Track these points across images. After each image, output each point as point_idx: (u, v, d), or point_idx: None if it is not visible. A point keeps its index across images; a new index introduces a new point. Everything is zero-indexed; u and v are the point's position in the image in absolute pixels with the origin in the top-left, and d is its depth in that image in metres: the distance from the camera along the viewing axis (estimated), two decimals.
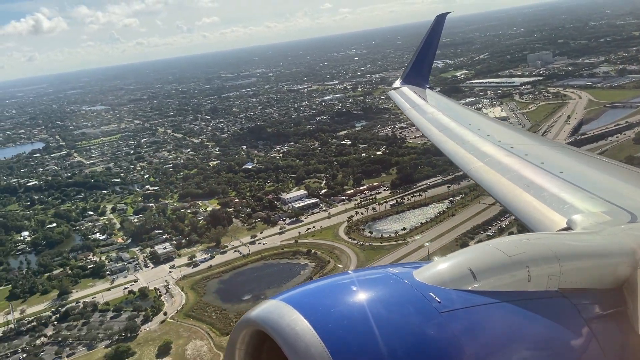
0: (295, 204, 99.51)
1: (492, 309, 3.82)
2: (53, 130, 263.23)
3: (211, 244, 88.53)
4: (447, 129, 13.25)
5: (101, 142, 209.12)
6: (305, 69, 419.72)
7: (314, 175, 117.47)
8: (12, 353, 64.17)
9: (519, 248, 4.30)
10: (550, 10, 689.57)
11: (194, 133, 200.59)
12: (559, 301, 4.21)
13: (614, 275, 4.67)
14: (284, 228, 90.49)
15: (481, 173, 9.96)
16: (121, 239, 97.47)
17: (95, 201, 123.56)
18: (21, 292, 79.31)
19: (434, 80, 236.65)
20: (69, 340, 64.21)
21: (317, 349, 3.22)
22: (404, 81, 19.78)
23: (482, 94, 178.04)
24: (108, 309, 71.20)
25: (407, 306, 3.60)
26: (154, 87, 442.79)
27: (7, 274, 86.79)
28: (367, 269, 4.27)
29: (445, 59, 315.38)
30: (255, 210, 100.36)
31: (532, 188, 8.35)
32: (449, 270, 4.00)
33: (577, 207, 7.14)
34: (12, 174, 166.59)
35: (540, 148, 10.52)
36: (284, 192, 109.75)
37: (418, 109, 16.24)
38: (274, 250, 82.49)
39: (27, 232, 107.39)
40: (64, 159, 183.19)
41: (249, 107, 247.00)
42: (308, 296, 3.78)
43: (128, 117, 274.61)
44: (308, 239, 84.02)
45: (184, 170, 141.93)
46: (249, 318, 3.66)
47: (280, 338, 3.36)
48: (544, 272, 4.23)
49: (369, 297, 3.61)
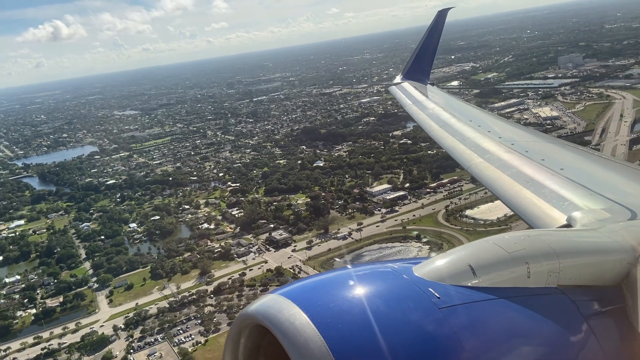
0: (384, 197, 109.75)
1: (491, 305, 3.86)
2: (97, 134, 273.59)
3: (320, 231, 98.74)
4: (448, 124, 13.29)
5: (154, 145, 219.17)
6: (325, 73, 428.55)
7: (390, 171, 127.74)
8: (186, 319, 74.63)
9: (519, 244, 4.32)
10: (559, 13, 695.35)
11: (245, 135, 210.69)
12: (558, 298, 4.20)
13: (613, 273, 4.65)
14: (385, 217, 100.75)
15: (481, 169, 9.97)
16: (229, 228, 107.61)
17: (184, 197, 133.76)
18: (163, 272, 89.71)
19: (466, 83, 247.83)
20: (234, 308, 74.37)
21: (316, 343, 3.24)
22: (405, 77, 19.95)
23: (523, 95, 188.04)
24: (254, 284, 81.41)
25: (407, 302, 3.65)
26: (176, 92, 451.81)
27: (141, 258, 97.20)
28: (367, 264, 4.35)
29: (469, 62, 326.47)
30: (348, 202, 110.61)
31: (533, 185, 8.32)
32: (448, 266, 4.04)
33: (577, 204, 7.13)
34: (84, 174, 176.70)
35: (541, 145, 10.63)
36: (366, 186, 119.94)
37: (419, 104, 16.35)
38: (383, 235, 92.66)
39: (134, 224, 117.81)
40: (127, 160, 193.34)
41: (288, 110, 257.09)
42: (307, 291, 3.85)
43: (167, 121, 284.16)
44: (411, 226, 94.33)
45: (255, 168, 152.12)
46: (248, 312, 3.73)
47: (279, 332, 3.39)
48: (543, 268, 4.23)
49: (368, 292, 3.66)
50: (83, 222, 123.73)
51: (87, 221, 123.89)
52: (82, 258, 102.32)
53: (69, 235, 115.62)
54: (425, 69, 19.87)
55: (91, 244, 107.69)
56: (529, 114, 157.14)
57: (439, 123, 13.65)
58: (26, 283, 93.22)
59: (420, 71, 19.63)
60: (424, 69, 19.88)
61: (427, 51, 19.83)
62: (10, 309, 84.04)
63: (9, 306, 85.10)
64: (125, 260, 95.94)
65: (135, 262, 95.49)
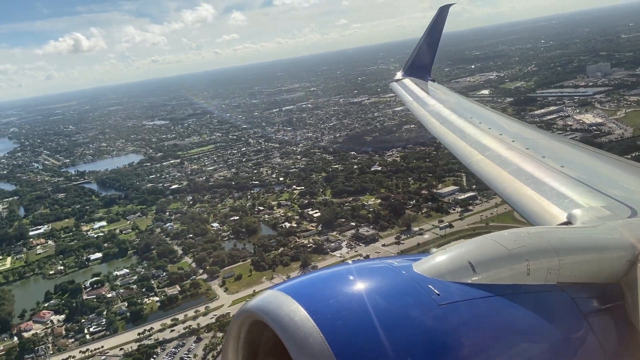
0: (454, 197, 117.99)
1: (491, 302, 3.88)
2: (136, 143, 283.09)
3: (402, 228, 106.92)
4: (448, 121, 13.34)
5: (200, 152, 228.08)
6: (346, 83, 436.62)
7: (452, 174, 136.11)
8: None
9: (519, 241, 4.35)
10: (569, 23, 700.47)
11: (289, 143, 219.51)
12: (557, 295, 4.23)
13: (613, 270, 4.68)
14: (462, 215, 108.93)
15: (482, 166, 10.04)
16: (311, 227, 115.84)
17: (253, 199, 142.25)
18: (266, 264, 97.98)
19: (497, 91, 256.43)
20: None
21: (315, 339, 3.27)
22: (406, 73, 20.02)
23: (559, 103, 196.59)
24: None
25: (406, 298, 3.68)
26: (198, 103, 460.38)
27: (239, 253, 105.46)
28: (367, 260, 4.43)
29: (491, 71, 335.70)
30: (419, 202, 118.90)
31: (533, 182, 8.36)
32: (448, 263, 4.07)
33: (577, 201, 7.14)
34: (143, 179, 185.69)
35: (542, 142, 10.70)
36: (432, 188, 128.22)
37: (419, 101, 16.40)
38: (467, 232, 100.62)
39: (215, 223, 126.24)
40: (180, 166, 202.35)
41: (323, 119, 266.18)
42: (307, 286, 3.88)
43: (202, 130, 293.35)
44: (492, 223, 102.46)
45: (313, 173, 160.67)
46: (247, 308, 3.78)
47: (279, 328, 3.43)
48: (543, 265, 4.26)
49: (368, 288, 3.69)
50: (165, 222, 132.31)
51: (167, 222, 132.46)
52: (180, 254, 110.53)
53: (157, 234, 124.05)
54: (426, 65, 20.11)
55: (182, 241, 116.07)
56: (571, 120, 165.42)
57: (440, 120, 13.72)
58: (137, 275, 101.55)
59: (422, 67, 19.88)
60: (425, 65, 20.10)
61: (428, 47, 20.03)
62: (134, 296, 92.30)
63: (131, 295, 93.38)
64: (226, 255, 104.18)
65: (235, 256, 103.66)
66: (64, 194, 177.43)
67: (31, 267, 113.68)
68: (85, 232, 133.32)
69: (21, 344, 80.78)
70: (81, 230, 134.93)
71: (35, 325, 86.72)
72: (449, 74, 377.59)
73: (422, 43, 20.11)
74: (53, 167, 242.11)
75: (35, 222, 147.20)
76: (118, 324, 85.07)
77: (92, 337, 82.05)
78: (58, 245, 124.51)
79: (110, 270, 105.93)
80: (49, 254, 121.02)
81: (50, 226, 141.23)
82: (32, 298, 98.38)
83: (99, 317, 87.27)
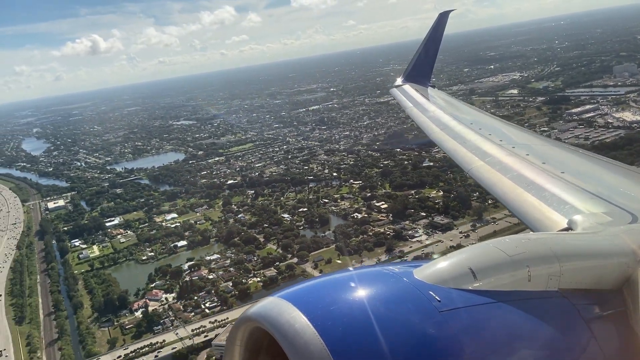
0: None
1: (492, 308, 3.88)
2: (172, 142, 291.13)
3: (474, 218, 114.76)
4: (448, 127, 13.50)
5: (241, 150, 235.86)
6: (366, 84, 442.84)
7: None
8: None
9: (520, 248, 4.36)
10: (577, 25, 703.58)
11: (328, 141, 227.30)
12: (559, 301, 4.23)
13: (614, 276, 4.67)
14: None
15: (482, 172, 10.15)
16: (380, 217, 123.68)
17: (315, 193, 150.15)
18: (351, 249, 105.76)
19: (526, 91, 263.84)
20: None
21: (316, 346, 3.29)
22: (406, 79, 20.17)
23: (594, 102, 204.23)
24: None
25: (407, 305, 3.69)
26: (218, 104, 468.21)
27: (322, 240, 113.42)
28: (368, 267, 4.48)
29: (513, 72, 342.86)
30: (484, 194, 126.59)
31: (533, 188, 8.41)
32: (449, 269, 4.09)
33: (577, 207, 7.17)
34: (195, 175, 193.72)
35: (542, 148, 10.71)
36: None
37: (419, 107, 16.36)
38: None
39: (285, 214, 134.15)
40: (227, 163, 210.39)
41: (354, 118, 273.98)
42: (308, 293, 3.90)
43: (234, 130, 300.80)
44: None
45: (364, 168, 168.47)
46: (248, 315, 3.82)
47: (280, 335, 3.45)
48: (544, 272, 4.28)
49: (369, 295, 3.71)
50: (235, 214, 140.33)
51: (238, 213, 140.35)
52: (262, 241, 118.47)
53: (232, 224, 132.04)
54: (426, 71, 20.29)
55: (262, 229, 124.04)
56: (611, 118, 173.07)
57: (440, 126, 13.78)
58: (230, 260, 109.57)
59: (422, 73, 20.01)
60: (425, 71, 20.29)
61: (428, 53, 20.23)
62: (235, 278, 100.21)
63: (231, 276, 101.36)
64: (309, 241, 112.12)
65: (318, 243, 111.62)
66: (121, 189, 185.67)
67: (122, 254, 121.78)
68: (159, 223, 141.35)
69: (148, 317, 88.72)
70: (155, 221, 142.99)
71: (151, 303, 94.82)
72: (469, 74, 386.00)
73: (422, 49, 20.35)
74: (97, 165, 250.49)
75: (104, 214, 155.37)
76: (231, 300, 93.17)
77: (211, 311, 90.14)
78: (139, 235, 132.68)
79: (202, 255, 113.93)
80: (133, 242, 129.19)
81: (122, 218, 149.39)
82: (133, 280, 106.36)
83: (209, 295, 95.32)
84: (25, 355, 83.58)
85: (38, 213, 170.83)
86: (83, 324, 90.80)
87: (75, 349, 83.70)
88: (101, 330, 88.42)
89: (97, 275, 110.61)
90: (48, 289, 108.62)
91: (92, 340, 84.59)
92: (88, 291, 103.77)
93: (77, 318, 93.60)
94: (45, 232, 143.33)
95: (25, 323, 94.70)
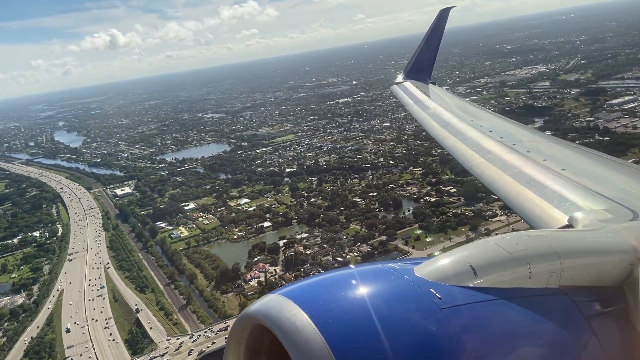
0: None
1: (492, 305, 3.93)
2: (210, 134, 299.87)
3: None
4: (449, 124, 13.45)
5: (286, 141, 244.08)
6: (386, 77, 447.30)
7: None
8: None
9: (520, 245, 4.41)
10: (589, 17, 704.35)
11: (371, 131, 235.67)
12: (559, 298, 4.28)
13: (615, 273, 4.71)
14: None
15: (483, 169, 10.11)
16: (452, 200, 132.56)
17: (378, 179, 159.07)
18: (435, 228, 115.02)
19: (558, 83, 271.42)
20: None
21: (317, 344, 3.33)
22: (407, 76, 20.14)
23: (630, 93, 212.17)
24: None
25: (408, 302, 3.73)
26: (240, 97, 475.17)
27: (404, 219, 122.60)
28: (369, 264, 4.44)
29: (538, 65, 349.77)
30: None
31: (534, 185, 8.38)
32: (449, 267, 4.14)
33: (578, 204, 7.18)
34: (250, 164, 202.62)
35: (543, 145, 10.72)
36: None
37: (420, 104, 16.47)
38: None
39: (357, 198, 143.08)
40: (278, 153, 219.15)
41: (389, 110, 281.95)
42: (308, 291, 3.92)
43: (270, 122, 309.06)
44: None
45: (418, 157, 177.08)
46: (249, 312, 3.84)
47: (280, 332, 3.48)
48: (544, 269, 4.32)
49: (370, 292, 3.73)
50: (306, 198, 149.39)
51: (308, 198, 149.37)
52: (343, 221, 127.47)
53: (307, 207, 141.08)
54: (427, 68, 20.22)
55: (341, 211, 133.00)
56: None
57: (441, 123, 13.84)
58: (319, 238, 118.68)
59: (422, 70, 19.95)
60: (426, 67, 20.20)
61: (429, 50, 20.17)
62: (331, 253, 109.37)
63: (327, 252, 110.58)
64: (392, 221, 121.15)
65: (402, 222, 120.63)
66: (181, 177, 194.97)
67: (212, 234, 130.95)
68: (234, 207, 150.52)
69: (267, 284, 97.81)
70: (230, 205, 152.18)
71: (260, 275, 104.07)
72: (491, 67, 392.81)
73: (422, 46, 20.29)
74: (143, 155, 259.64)
75: (175, 200, 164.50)
76: None
77: None
78: (220, 218, 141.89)
79: (291, 234, 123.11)
80: (216, 224, 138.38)
81: (195, 203, 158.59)
82: (232, 255, 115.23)
83: (313, 267, 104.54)
84: (162, 318, 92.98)
85: (107, 199, 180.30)
86: (205, 291, 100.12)
87: (207, 312, 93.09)
88: (224, 297, 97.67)
89: (197, 252, 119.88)
90: (155, 263, 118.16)
91: (222, 304, 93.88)
92: (195, 265, 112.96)
93: (196, 287, 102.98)
94: (127, 215, 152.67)
95: (149, 292, 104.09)
